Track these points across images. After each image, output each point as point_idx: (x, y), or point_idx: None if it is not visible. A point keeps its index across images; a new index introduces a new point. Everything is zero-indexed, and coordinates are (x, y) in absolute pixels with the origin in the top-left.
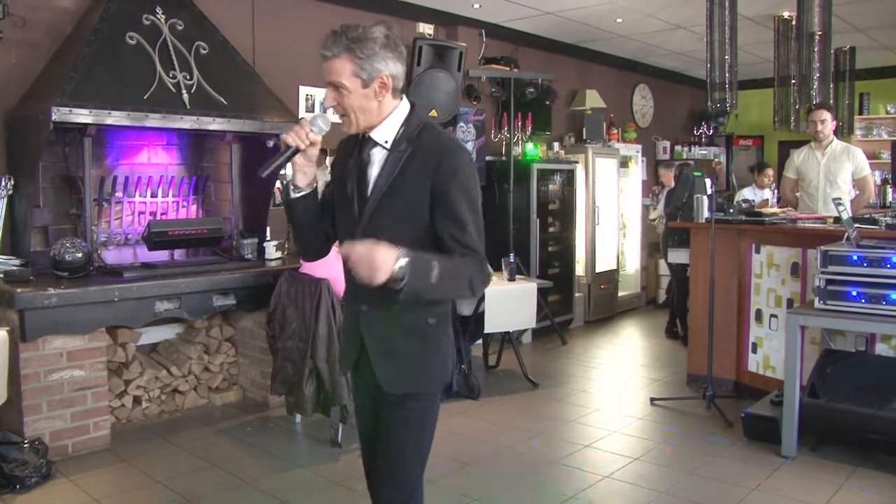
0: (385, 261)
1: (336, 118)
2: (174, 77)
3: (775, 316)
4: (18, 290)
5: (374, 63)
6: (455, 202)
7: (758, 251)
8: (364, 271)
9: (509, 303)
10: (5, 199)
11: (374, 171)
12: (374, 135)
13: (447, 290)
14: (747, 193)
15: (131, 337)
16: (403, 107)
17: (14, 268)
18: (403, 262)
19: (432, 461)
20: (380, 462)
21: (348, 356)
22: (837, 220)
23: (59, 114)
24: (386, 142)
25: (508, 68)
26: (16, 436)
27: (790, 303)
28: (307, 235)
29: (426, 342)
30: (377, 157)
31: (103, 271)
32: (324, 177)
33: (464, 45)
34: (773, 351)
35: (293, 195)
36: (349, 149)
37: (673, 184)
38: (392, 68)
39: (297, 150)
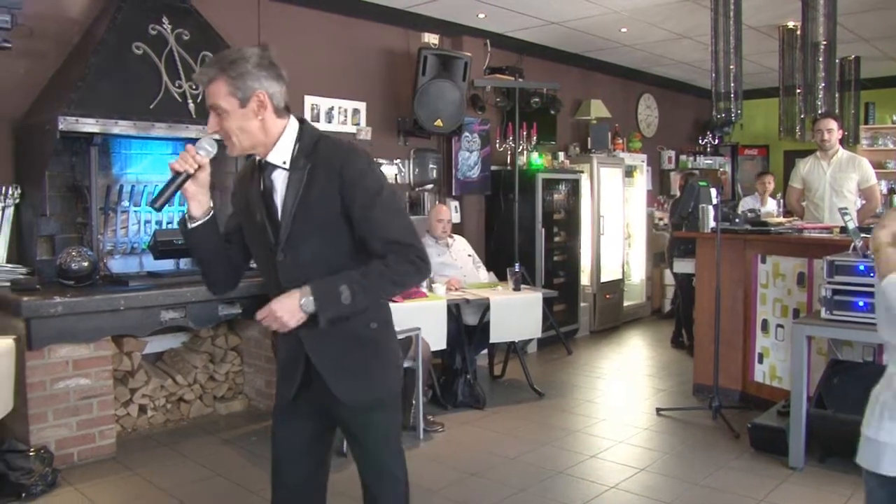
0: (290, 310)
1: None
2: (180, 86)
3: (781, 326)
4: (24, 298)
5: (246, 81)
6: (369, 207)
7: (763, 261)
8: (278, 326)
9: (515, 312)
10: (12, 208)
11: (279, 195)
12: (271, 158)
13: (370, 299)
14: (749, 202)
15: (137, 346)
16: (293, 125)
17: (20, 276)
18: (306, 300)
19: (438, 471)
20: (364, 475)
21: (289, 384)
22: (844, 229)
23: (66, 123)
24: (284, 162)
25: (513, 78)
26: (22, 444)
27: (796, 313)
28: (211, 268)
29: (372, 347)
30: (279, 180)
31: (109, 280)
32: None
33: (469, 54)
34: (779, 361)
35: (190, 226)
36: (248, 178)
37: (680, 194)
38: (268, 86)
39: (188, 176)
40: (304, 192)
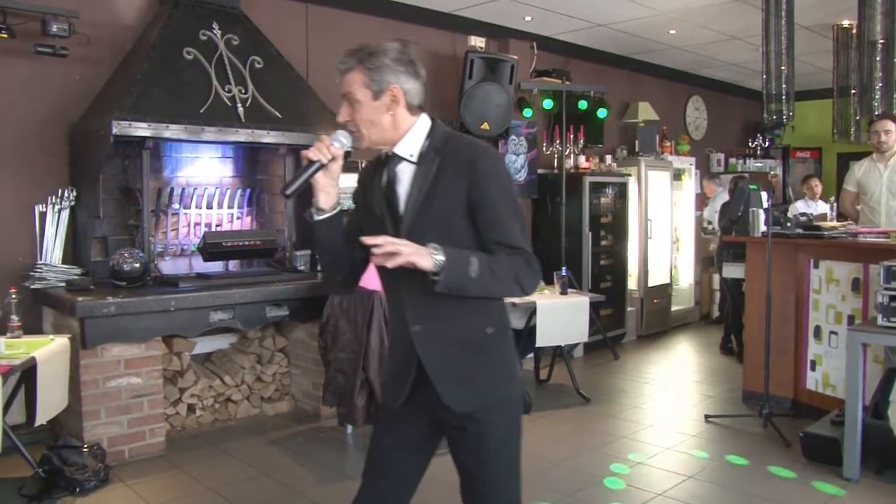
0: (418, 248)
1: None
2: (230, 91)
3: (835, 333)
4: (79, 298)
5: (383, 75)
6: (495, 206)
7: (816, 266)
8: (389, 258)
9: (561, 316)
10: (68, 211)
11: (403, 188)
12: (399, 150)
13: (489, 285)
14: (800, 206)
15: (186, 346)
16: (424, 121)
17: (75, 277)
18: (436, 250)
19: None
20: (471, 495)
21: (400, 385)
22: None
23: (120, 127)
24: (411, 155)
25: (560, 81)
26: (76, 440)
27: (851, 319)
28: (332, 264)
29: (488, 353)
30: (405, 174)
31: (160, 281)
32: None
33: (515, 57)
34: (832, 369)
35: (316, 218)
36: (372, 172)
37: (727, 196)
38: (404, 82)
39: (321, 166)
40: (430, 187)
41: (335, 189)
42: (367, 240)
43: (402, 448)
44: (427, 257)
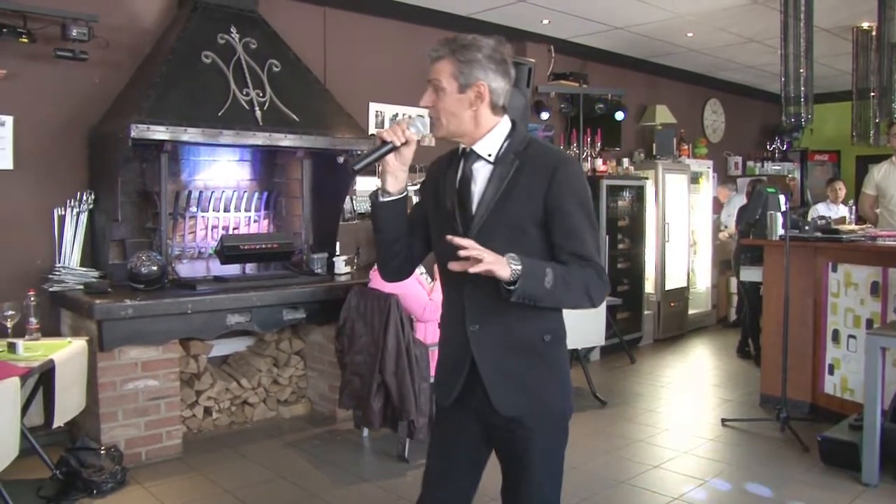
0: (497, 258)
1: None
2: (247, 94)
3: (854, 337)
4: (97, 301)
5: (473, 69)
6: (571, 215)
7: (834, 269)
8: (469, 264)
9: (578, 320)
10: (86, 214)
11: (478, 186)
12: (478, 148)
13: (562, 296)
14: (821, 209)
15: (203, 349)
16: (505, 123)
17: (93, 280)
18: (513, 259)
19: (498, 478)
20: (512, 498)
21: (450, 383)
22: None
23: (138, 131)
24: (490, 155)
25: (577, 84)
26: (93, 442)
27: (870, 323)
28: (390, 249)
29: (543, 360)
30: (481, 172)
31: (177, 284)
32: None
33: (532, 60)
34: (851, 373)
35: (381, 199)
36: (444, 166)
37: (742, 199)
38: (492, 80)
39: (393, 148)
40: (506, 188)
41: (404, 174)
42: (455, 240)
43: (456, 450)
44: (505, 267)
